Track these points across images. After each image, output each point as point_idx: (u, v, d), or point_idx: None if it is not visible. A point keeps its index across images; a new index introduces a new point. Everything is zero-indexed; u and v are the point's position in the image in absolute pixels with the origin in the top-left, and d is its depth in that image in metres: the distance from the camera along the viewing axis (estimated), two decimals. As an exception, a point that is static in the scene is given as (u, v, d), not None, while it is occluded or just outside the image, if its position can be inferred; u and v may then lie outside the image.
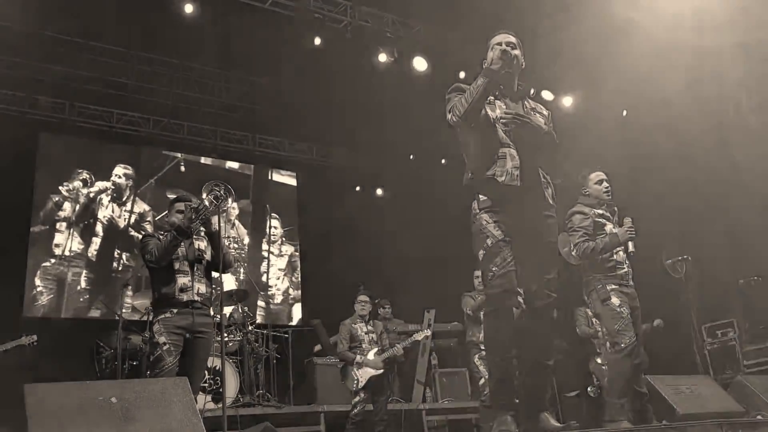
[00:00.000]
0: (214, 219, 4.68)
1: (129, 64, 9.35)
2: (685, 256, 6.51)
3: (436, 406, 7.82)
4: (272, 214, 11.26)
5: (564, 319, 6.95)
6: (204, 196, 4.55)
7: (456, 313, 8.77)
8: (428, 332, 7.60)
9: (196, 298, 4.56)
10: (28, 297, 8.91)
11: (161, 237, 4.61)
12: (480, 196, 3.16)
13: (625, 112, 9.65)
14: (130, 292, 8.59)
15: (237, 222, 10.89)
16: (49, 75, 9.02)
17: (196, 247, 4.72)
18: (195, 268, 4.64)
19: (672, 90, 7.86)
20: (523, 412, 3.13)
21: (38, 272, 9.07)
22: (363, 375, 6.39)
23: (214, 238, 4.72)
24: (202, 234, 4.77)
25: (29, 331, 7.05)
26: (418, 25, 8.87)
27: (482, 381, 6.49)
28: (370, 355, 6.45)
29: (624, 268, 4.41)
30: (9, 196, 8.68)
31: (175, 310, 4.47)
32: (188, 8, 7.69)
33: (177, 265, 4.57)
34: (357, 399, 6.35)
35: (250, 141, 11.01)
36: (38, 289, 9.04)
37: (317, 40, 8.30)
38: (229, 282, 9.56)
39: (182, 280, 4.55)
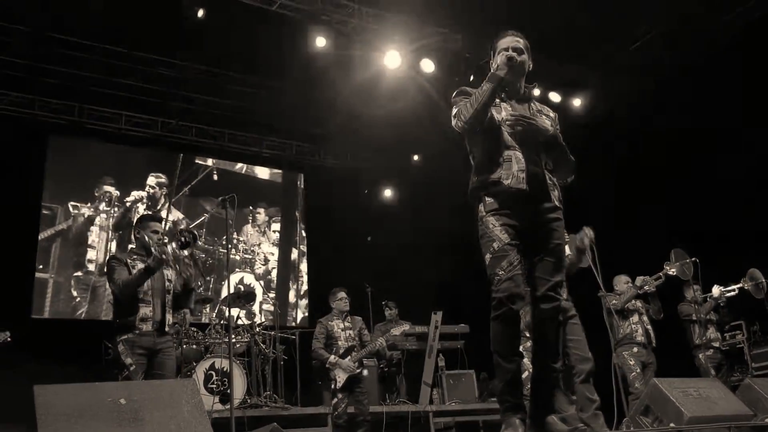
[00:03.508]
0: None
1: (136, 66, 9.37)
2: (693, 259, 6.48)
3: (443, 408, 7.82)
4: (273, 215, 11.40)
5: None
6: (172, 243, 4.57)
7: (463, 315, 8.78)
8: (406, 327, 7.53)
9: (158, 327, 4.56)
10: (38, 297, 9.03)
11: (128, 262, 4.59)
12: (486, 199, 3.16)
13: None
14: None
15: (267, 230, 11.06)
16: (57, 77, 9.07)
17: (166, 277, 4.71)
18: (160, 298, 4.64)
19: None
20: (530, 415, 3.13)
21: (72, 282, 9.35)
22: (341, 375, 6.31)
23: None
24: (170, 281, 4.76)
25: (38, 331, 7.07)
26: (426, 27, 8.87)
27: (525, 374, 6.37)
28: (345, 359, 6.37)
29: None
30: (17, 197, 8.78)
31: (137, 332, 4.46)
32: (200, 13, 7.72)
33: (140, 294, 4.53)
34: (335, 400, 6.28)
35: (257, 143, 11.05)
36: (77, 300, 9.32)
37: (322, 41, 8.33)
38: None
39: (144, 309, 4.52)
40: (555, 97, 9.40)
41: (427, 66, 8.85)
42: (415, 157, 11.58)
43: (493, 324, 3.07)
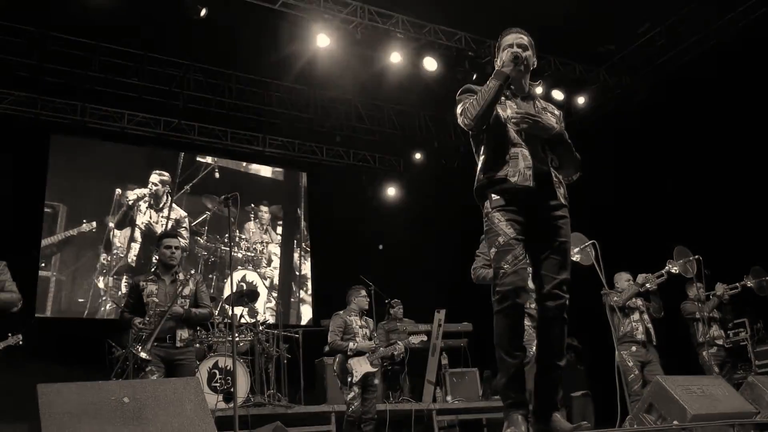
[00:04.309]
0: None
1: (139, 66, 9.38)
2: (696, 256, 6.46)
3: (446, 406, 7.82)
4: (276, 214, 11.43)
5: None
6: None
7: (465, 314, 8.77)
8: (424, 337, 7.54)
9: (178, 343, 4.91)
10: (41, 295, 9.04)
11: (141, 285, 4.97)
12: (492, 196, 3.15)
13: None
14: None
15: (269, 228, 11.08)
16: (59, 76, 9.07)
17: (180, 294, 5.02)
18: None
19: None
20: (534, 412, 3.12)
21: (101, 279, 9.49)
22: (358, 369, 6.30)
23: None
24: (185, 296, 5.04)
25: (42, 330, 7.04)
26: (429, 25, 8.85)
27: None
28: (364, 357, 6.37)
29: None
30: (18, 197, 8.79)
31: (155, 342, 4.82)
32: (202, 12, 7.70)
33: (149, 313, 4.91)
34: (352, 395, 6.24)
35: (259, 141, 11.04)
36: (103, 298, 9.45)
37: (325, 40, 8.32)
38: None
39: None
40: (558, 95, 9.39)
41: (430, 64, 8.84)
42: (418, 155, 11.58)
43: (497, 318, 3.05)
